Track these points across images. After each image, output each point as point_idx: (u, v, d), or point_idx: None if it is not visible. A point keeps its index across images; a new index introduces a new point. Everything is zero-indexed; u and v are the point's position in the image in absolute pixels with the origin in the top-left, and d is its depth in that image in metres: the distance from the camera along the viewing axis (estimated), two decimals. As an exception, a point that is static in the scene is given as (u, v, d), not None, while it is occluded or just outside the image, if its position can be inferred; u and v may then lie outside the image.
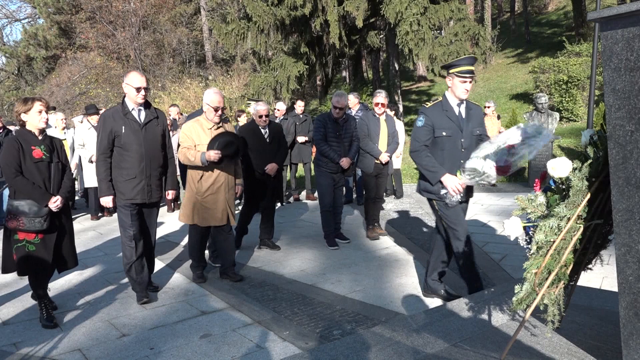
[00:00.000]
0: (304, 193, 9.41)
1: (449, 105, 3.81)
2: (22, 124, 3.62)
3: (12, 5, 47.90)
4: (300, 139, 8.45)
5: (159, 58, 25.23)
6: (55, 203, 3.62)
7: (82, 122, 8.79)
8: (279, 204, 7.03)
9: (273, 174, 5.50)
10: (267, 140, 5.49)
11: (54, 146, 3.73)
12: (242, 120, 8.48)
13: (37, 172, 3.58)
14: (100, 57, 24.21)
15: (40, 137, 3.64)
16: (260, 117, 5.42)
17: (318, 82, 20.76)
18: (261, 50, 14.57)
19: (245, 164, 5.28)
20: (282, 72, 14.17)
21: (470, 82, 3.75)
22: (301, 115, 8.62)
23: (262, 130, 5.46)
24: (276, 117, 8.26)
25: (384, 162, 5.93)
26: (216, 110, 4.39)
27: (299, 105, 8.74)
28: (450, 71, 3.74)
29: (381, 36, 17.07)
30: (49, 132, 4.29)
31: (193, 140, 4.37)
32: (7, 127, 8.34)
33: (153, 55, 25.00)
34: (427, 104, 3.88)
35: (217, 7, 26.38)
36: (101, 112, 7.68)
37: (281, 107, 8.48)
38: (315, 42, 14.75)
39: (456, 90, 3.75)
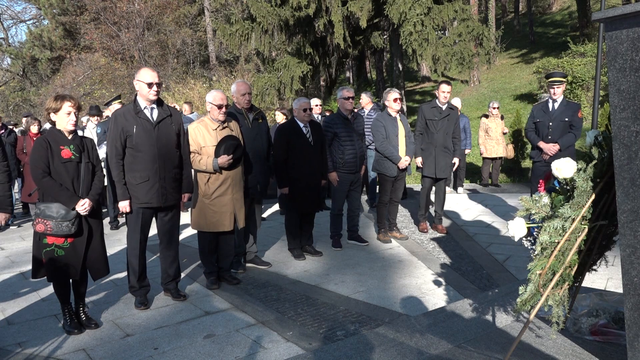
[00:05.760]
0: None
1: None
2: (53, 123, 3.50)
3: (17, 6, 48.20)
4: None
5: (163, 59, 25.28)
6: (83, 206, 3.43)
7: (87, 122, 8.84)
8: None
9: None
10: (310, 141, 5.16)
11: (84, 146, 3.55)
12: (279, 118, 8.33)
13: (65, 173, 3.42)
14: (104, 58, 24.27)
15: (69, 137, 3.49)
16: (305, 110, 5.09)
17: (322, 83, 20.77)
18: (265, 51, 14.58)
19: (287, 168, 5.09)
20: (285, 72, 14.17)
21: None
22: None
23: (304, 130, 5.14)
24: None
25: (402, 168, 5.73)
26: (220, 107, 4.27)
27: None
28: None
29: (385, 36, 17.07)
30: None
31: (199, 144, 4.26)
32: (9, 127, 8.40)
33: (157, 56, 25.05)
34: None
35: (221, 8, 26.41)
36: (104, 112, 7.71)
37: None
38: (319, 43, 14.75)
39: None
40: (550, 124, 5.49)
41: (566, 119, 5.45)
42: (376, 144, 5.77)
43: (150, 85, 3.81)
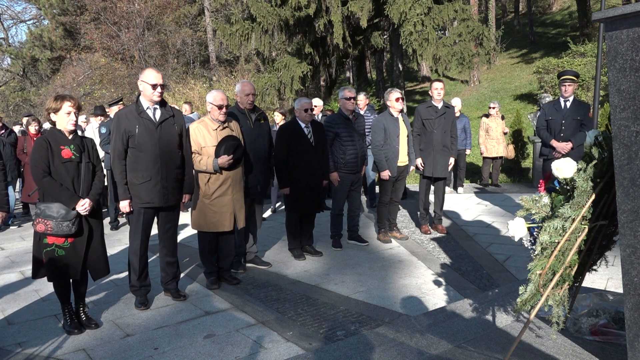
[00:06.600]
0: None
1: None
2: (53, 123, 3.50)
3: (17, 6, 48.14)
4: None
5: (163, 59, 25.28)
6: (83, 206, 3.44)
7: (86, 122, 8.85)
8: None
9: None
10: (312, 141, 5.16)
11: (84, 146, 3.55)
12: (277, 119, 8.37)
13: (66, 173, 3.44)
14: (104, 58, 24.27)
15: (70, 137, 3.50)
16: (306, 110, 5.08)
17: (322, 83, 20.78)
18: (265, 51, 14.58)
19: (287, 168, 5.09)
20: (286, 72, 14.18)
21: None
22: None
23: (305, 130, 5.14)
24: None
25: (385, 179, 5.72)
26: (220, 108, 4.27)
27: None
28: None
29: (385, 36, 17.07)
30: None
31: (199, 144, 4.27)
32: (11, 127, 8.39)
33: (157, 56, 25.05)
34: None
35: (221, 8, 26.41)
36: (108, 112, 7.71)
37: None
38: (319, 43, 14.76)
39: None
40: (563, 121, 5.58)
41: (578, 118, 5.55)
42: (372, 145, 5.77)
43: (154, 86, 3.83)
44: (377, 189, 7.96)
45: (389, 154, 5.67)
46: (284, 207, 7.84)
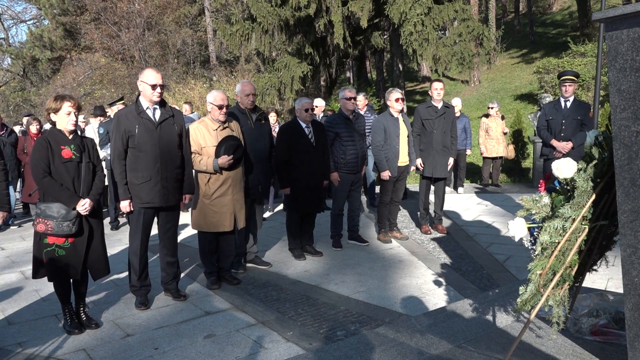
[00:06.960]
0: None
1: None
2: (53, 123, 3.50)
3: (17, 6, 48.22)
4: None
5: (163, 59, 25.28)
6: (84, 206, 3.44)
7: (85, 122, 8.85)
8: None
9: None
10: (312, 141, 5.16)
11: (84, 146, 3.55)
12: (272, 119, 8.39)
13: (66, 172, 3.44)
14: (105, 58, 24.27)
15: (70, 137, 3.49)
16: (307, 110, 5.08)
17: (322, 83, 20.78)
18: (265, 51, 14.59)
19: (288, 168, 5.09)
20: (286, 72, 14.19)
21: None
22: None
23: (306, 130, 5.14)
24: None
25: (385, 179, 5.73)
26: (220, 108, 4.27)
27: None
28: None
29: (385, 37, 17.09)
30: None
31: (199, 144, 4.27)
32: (11, 127, 8.39)
33: (157, 56, 25.05)
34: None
35: (221, 8, 26.40)
36: (108, 112, 7.71)
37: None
38: (319, 43, 14.76)
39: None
40: (564, 121, 5.61)
41: (578, 117, 5.58)
42: (372, 145, 5.77)
43: (154, 87, 3.83)
44: (377, 189, 7.96)
45: (389, 154, 5.66)
46: (279, 207, 7.92)
